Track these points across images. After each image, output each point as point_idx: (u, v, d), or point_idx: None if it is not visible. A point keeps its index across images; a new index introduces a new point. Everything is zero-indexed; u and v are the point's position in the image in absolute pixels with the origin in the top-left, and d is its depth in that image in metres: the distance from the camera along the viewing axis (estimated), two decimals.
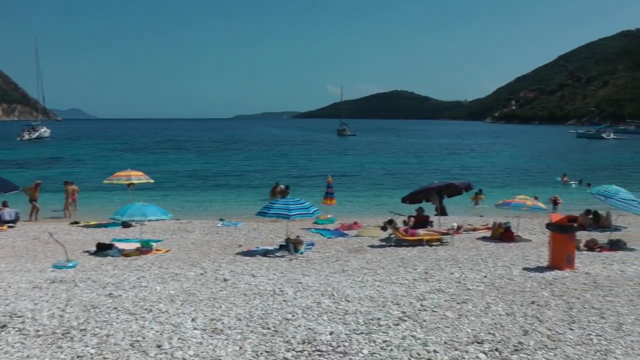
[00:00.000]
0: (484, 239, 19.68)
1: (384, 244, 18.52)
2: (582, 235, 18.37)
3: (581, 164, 63.38)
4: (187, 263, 14.95)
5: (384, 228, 20.23)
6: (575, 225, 15.30)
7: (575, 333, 9.06)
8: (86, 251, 16.97)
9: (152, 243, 17.70)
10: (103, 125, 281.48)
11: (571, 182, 41.13)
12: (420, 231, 19.22)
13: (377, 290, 11.75)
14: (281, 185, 30.52)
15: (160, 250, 17.19)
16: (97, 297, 11.15)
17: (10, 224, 22.52)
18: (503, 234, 19.46)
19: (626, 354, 8.23)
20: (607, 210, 21.70)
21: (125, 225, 21.87)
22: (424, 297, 11.18)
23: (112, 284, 12.33)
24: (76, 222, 23.61)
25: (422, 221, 21.09)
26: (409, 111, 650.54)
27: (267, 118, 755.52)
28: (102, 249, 16.80)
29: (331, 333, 8.91)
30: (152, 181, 26.18)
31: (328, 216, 24.20)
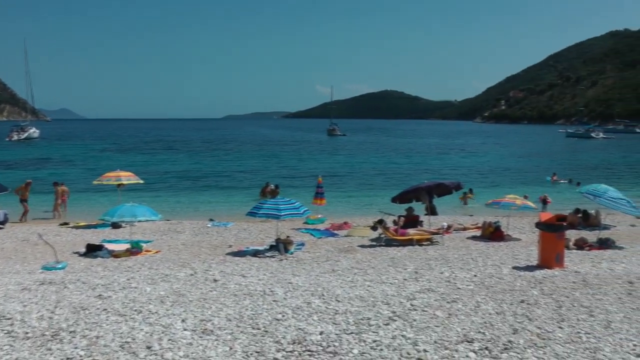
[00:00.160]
0: (474, 238, 19.72)
1: (374, 243, 18.53)
2: (572, 234, 18.44)
3: (571, 163, 63.65)
4: (177, 264, 14.92)
5: (374, 228, 20.25)
6: (565, 224, 15.38)
7: (565, 331, 9.11)
8: (76, 252, 16.89)
9: (142, 244, 17.63)
10: (93, 125, 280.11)
11: (561, 181, 41.29)
12: (410, 231, 19.24)
13: (367, 290, 11.77)
14: (271, 185, 30.47)
15: (150, 251, 17.13)
16: (86, 298, 11.12)
17: None
18: (493, 233, 19.51)
19: (615, 351, 8.29)
20: (596, 209, 21.81)
21: (115, 226, 21.79)
22: (414, 296, 11.21)
23: (102, 285, 12.30)
24: (65, 223, 23.50)
25: (412, 221, 21.11)
26: (399, 111, 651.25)
27: (257, 118, 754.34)
28: (92, 250, 16.73)
29: (321, 333, 8.93)
30: (141, 182, 26.08)
31: (318, 216, 24.18)
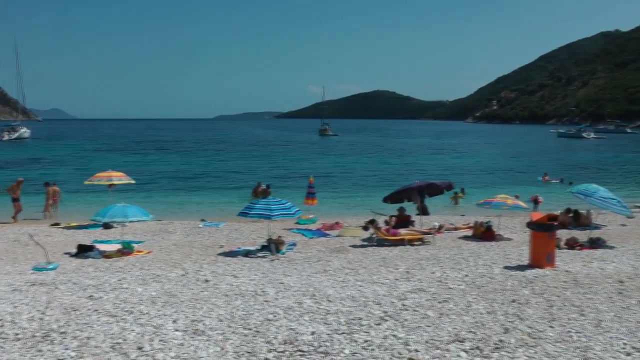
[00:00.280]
0: (466, 238, 19.76)
1: (366, 243, 18.54)
2: (563, 234, 18.48)
3: (562, 163, 63.83)
4: (169, 264, 14.89)
5: (365, 228, 20.27)
6: (556, 223, 15.43)
7: (556, 330, 9.15)
8: (67, 253, 16.80)
9: (134, 244, 17.58)
10: (84, 125, 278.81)
11: (553, 181, 41.38)
12: (402, 231, 19.27)
13: (358, 290, 11.78)
14: (263, 185, 30.44)
15: (141, 251, 17.08)
16: (77, 299, 11.08)
17: None
18: (484, 233, 19.55)
19: (605, 350, 8.32)
20: (587, 209, 21.87)
21: (106, 226, 21.73)
22: (405, 296, 11.23)
23: (93, 285, 12.26)
24: (57, 224, 23.40)
25: (403, 221, 21.13)
26: (391, 111, 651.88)
27: (249, 118, 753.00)
28: (83, 250, 16.66)
29: (313, 333, 8.93)
30: (133, 182, 26.01)
31: (310, 216, 24.16)
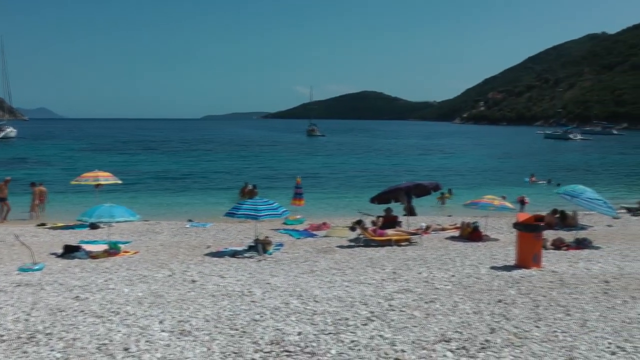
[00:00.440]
0: (453, 238, 19.83)
1: (353, 244, 18.57)
2: (549, 234, 18.57)
3: (549, 164, 64.17)
4: (155, 264, 14.85)
5: (352, 228, 20.32)
6: (542, 224, 15.49)
7: (541, 330, 9.18)
8: (53, 253, 16.70)
9: (120, 245, 17.52)
10: (71, 125, 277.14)
11: (540, 182, 41.49)
12: (389, 231, 19.30)
13: (345, 290, 11.79)
14: (249, 185, 30.45)
15: (128, 251, 17.03)
16: (63, 300, 11.02)
17: None
18: (471, 234, 19.63)
19: (590, 349, 8.36)
20: (573, 210, 21.98)
21: (92, 226, 21.65)
22: (392, 297, 11.24)
23: (79, 286, 12.20)
24: (43, 224, 23.29)
25: (390, 221, 21.15)
26: (379, 112, 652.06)
27: (236, 118, 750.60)
28: (70, 251, 16.58)
29: (299, 333, 8.93)
30: (120, 182, 25.93)
31: (297, 217, 24.17)
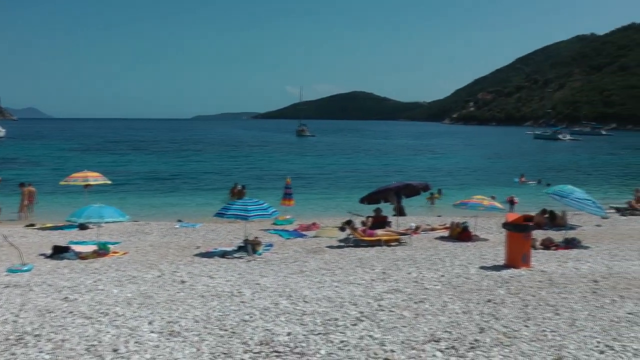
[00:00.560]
0: (442, 238, 19.87)
1: (342, 244, 18.57)
2: (538, 234, 18.64)
3: (538, 164, 64.38)
4: (145, 265, 14.81)
5: (342, 229, 20.31)
6: (531, 224, 15.57)
7: (530, 330, 9.24)
8: (42, 254, 16.61)
9: (109, 245, 17.45)
10: (60, 124, 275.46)
11: (529, 182, 41.55)
12: (379, 231, 19.33)
13: (334, 290, 11.81)
14: (238, 185, 30.44)
15: (117, 252, 16.97)
16: (52, 301, 10.98)
17: None
18: (461, 234, 19.67)
19: (579, 348, 8.42)
20: (562, 210, 22.07)
21: (82, 227, 21.54)
22: (381, 297, 11.27)
23: (68, 287, 12.16)
24: (32, 225, 23.16)
25: (380, 221, 21.20)
26: (368, 112, 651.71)
27: (226, 118, 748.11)
28: (59, 251, 16.50)
29: (289, 334, 8.94)
30: (109, 182, 25.84)
31: (286, 217, 24.15)
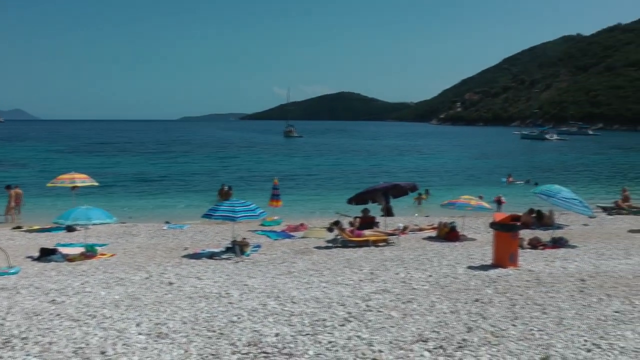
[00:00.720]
0: (430, 238, 19.93)
1: (330, 245, 18.59)
2: (526, 234, 18.73)
3: (526, 164, 64.59)
4: (132, 267, 14.78)
5: (330, 229, 20.32)
6: (519, 224, 15.64)
7: (518, 329, 9.30)
8: (29, 257, 16.52)
9: (97, 247, 17.40)
10: (47, 126, 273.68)
11: (517, 182, 41.61)
12: (366, 232, 19.36)
13: (322, 291, 11.83)
14: (225, 186, 30.41)
15: (105, 254, 16.89)
16: (39, 303, 10.94)
17: None
18: (448, 234, 19.73)
19: (566, 347, 8.48)
20: (550, 209, 22.17)
21: (69, 229, 21.43)
22: (369, 297, 11.30)
23: (56, 290, 12.12)
24: (19, 227, 23.01)
25: (368, 222, 21.21)
26: (356, 112, 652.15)
27: (214, 119, 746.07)
28: (46, 254, 16.41)
29: (277, 335, 8.95)
30: (96, 184, 25.76)
31: (274, 218, 24.14)
